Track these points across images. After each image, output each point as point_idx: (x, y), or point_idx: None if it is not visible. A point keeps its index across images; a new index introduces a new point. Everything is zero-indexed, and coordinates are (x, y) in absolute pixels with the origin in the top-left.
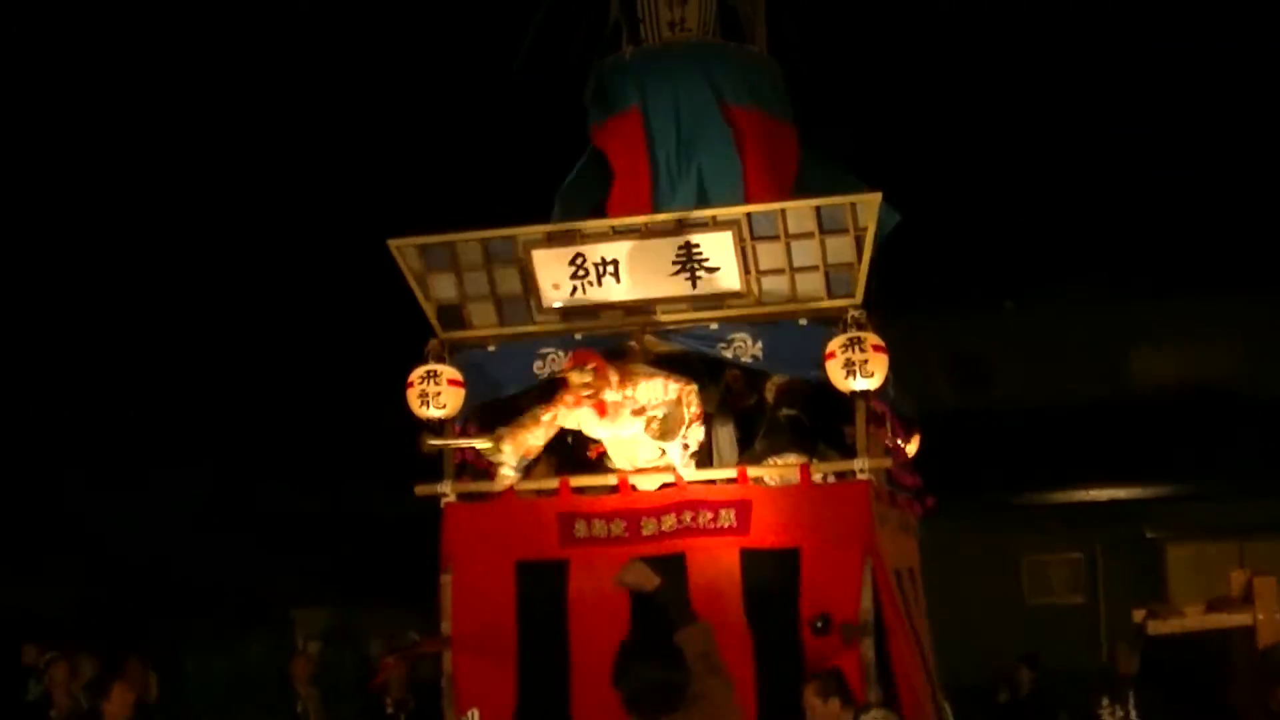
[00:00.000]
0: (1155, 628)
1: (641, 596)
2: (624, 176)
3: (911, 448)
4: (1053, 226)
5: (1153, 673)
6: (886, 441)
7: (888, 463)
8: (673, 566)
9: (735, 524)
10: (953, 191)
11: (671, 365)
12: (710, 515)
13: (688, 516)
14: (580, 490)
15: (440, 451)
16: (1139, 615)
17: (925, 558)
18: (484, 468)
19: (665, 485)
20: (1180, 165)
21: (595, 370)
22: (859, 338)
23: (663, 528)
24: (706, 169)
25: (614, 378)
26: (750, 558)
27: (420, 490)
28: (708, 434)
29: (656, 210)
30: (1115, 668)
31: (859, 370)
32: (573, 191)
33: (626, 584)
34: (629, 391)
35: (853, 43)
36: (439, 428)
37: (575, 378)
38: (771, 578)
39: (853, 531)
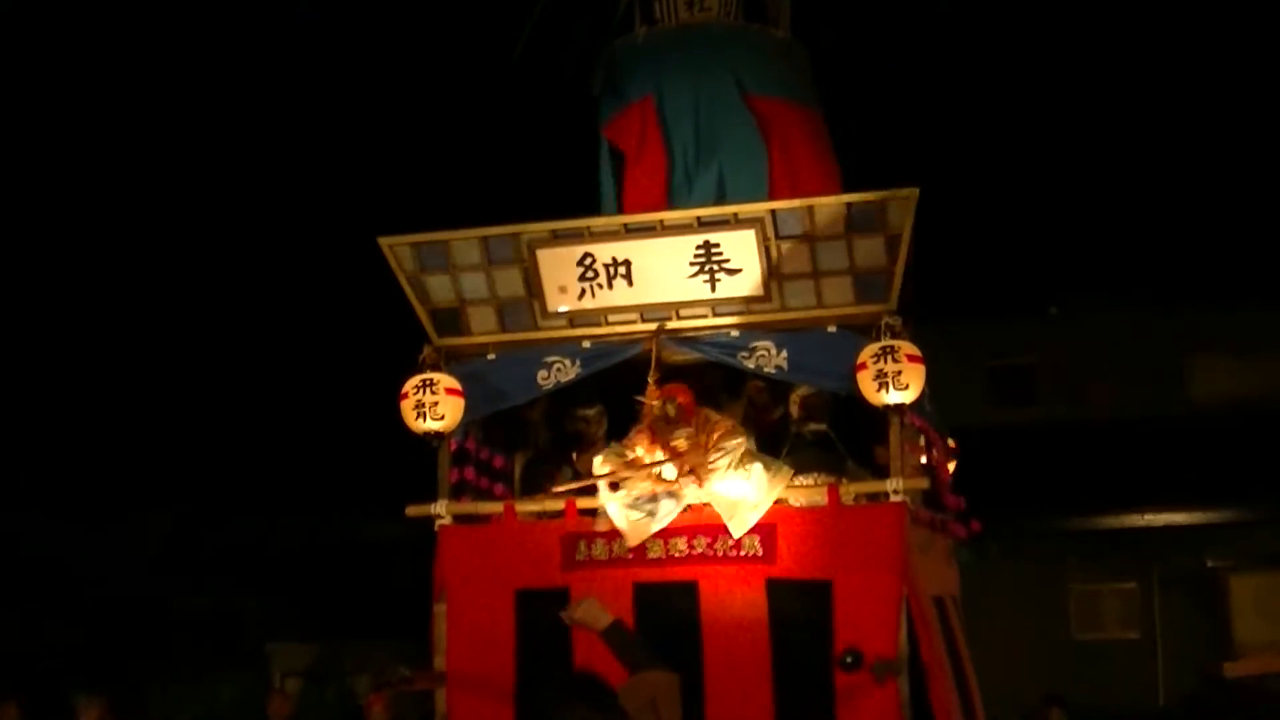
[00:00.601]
0: (1233, 670)
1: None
2: (637, 170)
3: (950, 466)
4: (1103, 225)
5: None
6: (922, 460)
7: (924, 483)
8: (681, 595)
9: (760, 551)
10: (994, 188)
11: (688, 375)
12: (731, 542)
13: (702, 542)
14: (590, 513)
15: (458, 470)
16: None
17: (965, 586)
18: (485, 487)
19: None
20: (1242, 162)
21: (681, 406)
22: (893, 347)
23: (671, 552)
24: (727, 162)
25: (711, 432)
26: (778, 590)
27: (412, 512)
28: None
29: (672, 207)
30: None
31: (892, 382)
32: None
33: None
34: (722, 445)
35: (886, 28)
36: (435, 441)
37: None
38: (801, 612)
39: (886, 558)
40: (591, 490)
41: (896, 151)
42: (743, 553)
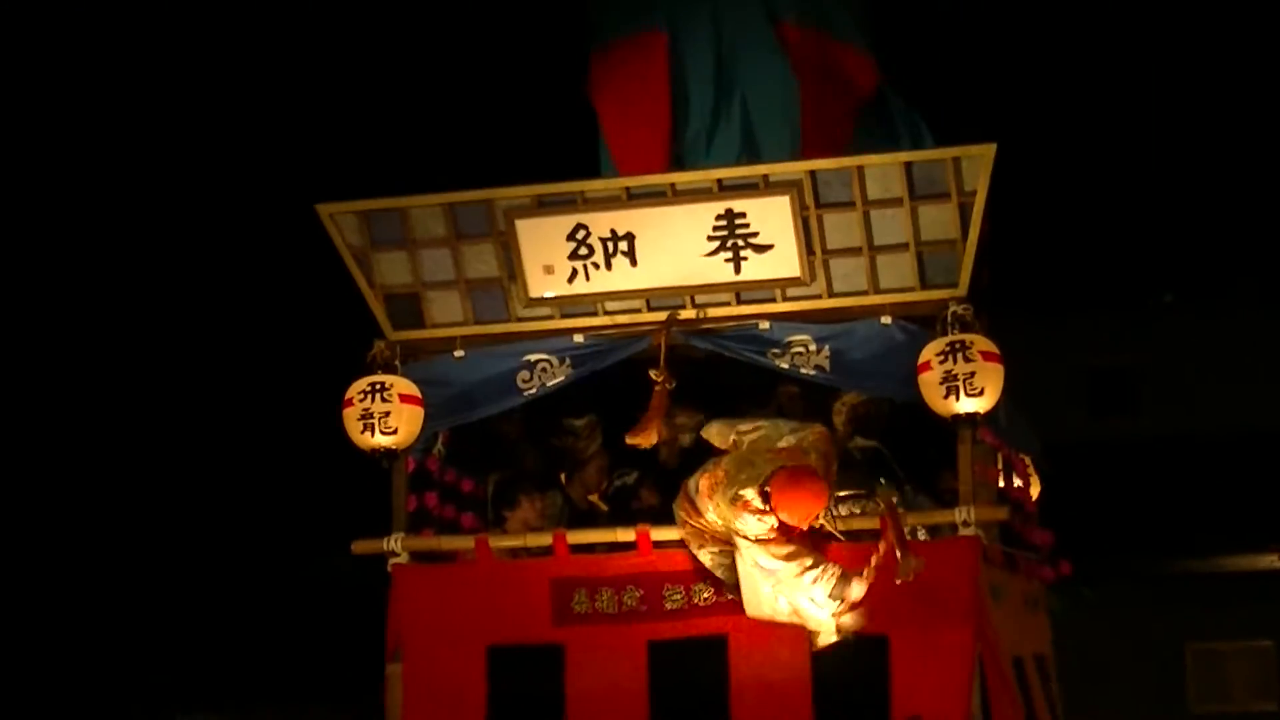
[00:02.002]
0: None
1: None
2: (640, 121)
3: (1034, 492)
4: (1222, 203)
5: None
6: (1000, 485)
7: (1002, 513)
8: (707, 655)
9: None
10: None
11: (705, 378)
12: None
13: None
14: (585, 550)
15: (417, 496)
16: None
17: (1056, 643)
18: (451, 517)
19: None
20: None
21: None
22: (963, 342)
23: (695, 600)
24: (755, 111)
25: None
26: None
27: (360, 548)
28: None
29: (686, 166)
30: None
31: (963, 386)
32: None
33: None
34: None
35: None
36: (387, 461)
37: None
38: (851, 675)
39: (955, 608)
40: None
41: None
42: None
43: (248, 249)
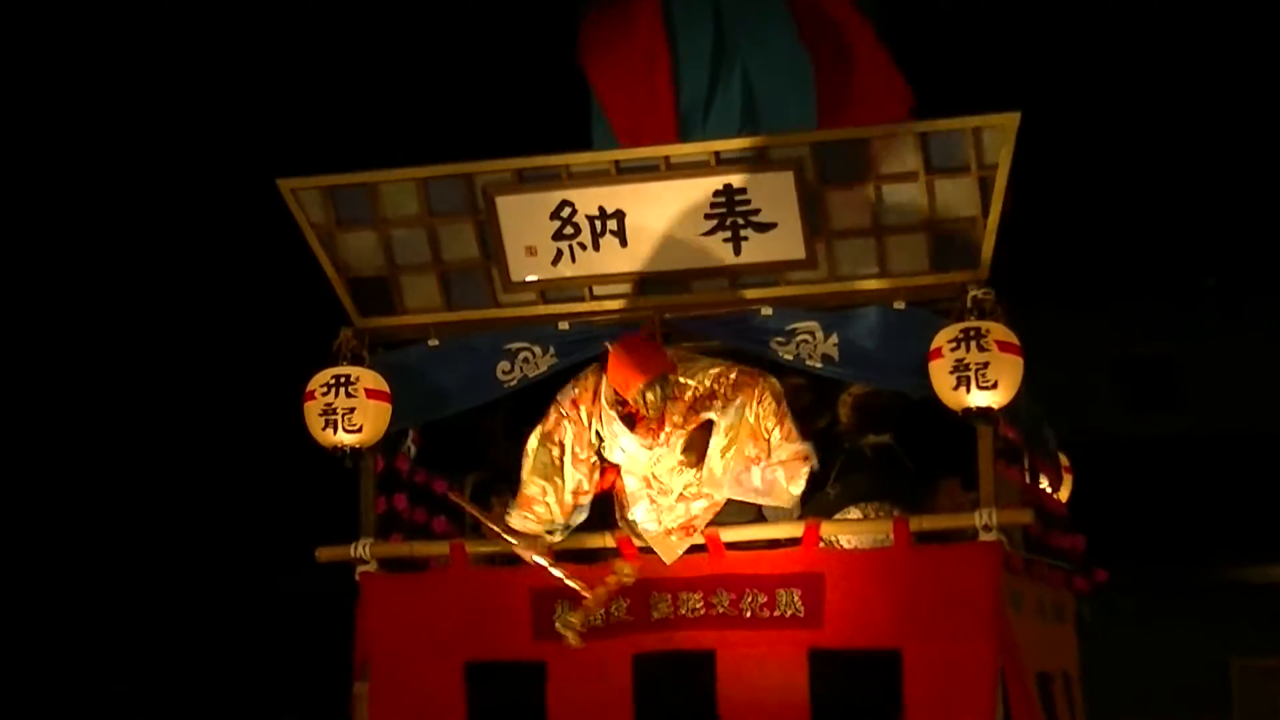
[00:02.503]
0: None
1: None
2: (632, 88)
3: (1063, 494)
4: (1271, 178)
5: None
6: (1024, 485)
7: (1027, 516)
8: (695, 671)
9: (801, 611)
10: (1127, 129)
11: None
12: (762, 598)
13: (724, 599)
14: (567, 557)
15: (386, 499)
16: None
17: (1087, 658)
18: (422, 522)
19: (696, 549)
20: None
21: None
22: (978, 330)
23: (682, 610)
24: (757, 77)
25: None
26: (826, 664)
27: (324, 555)
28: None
29: (680, 137)
30: None
31: (975, 378)
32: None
33: None
34: (685, 381)
35: None
36: (350, 461)
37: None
38: (858, 695)
39: (975, 620)
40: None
41: (992, 71)
42: (778, 612)
43: (201, 228)
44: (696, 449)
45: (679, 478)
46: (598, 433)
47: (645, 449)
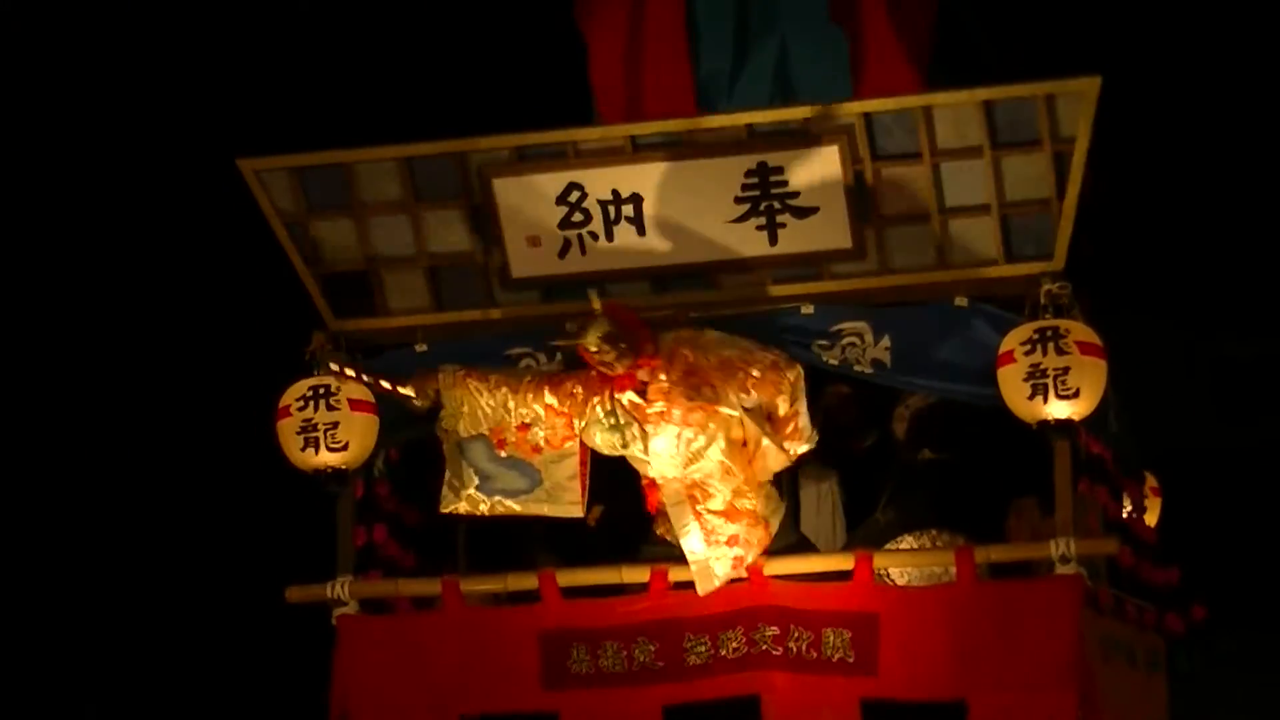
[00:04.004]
0: None
1: None
2: (647, 53)
3: (1151, 518)
4: None
5: None
6: (1109, 509)
7: (1112, 545)
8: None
9: (852, 654)
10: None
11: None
12: (808, 637)
13: (768, 634)
14: (580, 594)
15: (366, 529)
16: None
17: (1180, 711)
18: (398, 555)
19: (733, 581)
20: None
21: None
22: (1056, 329)
23: (722, 652)
24: (793, 38)
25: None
26: (882, 716)
27: (295, 596)
28: (793, 498)
29: (706, 109)
30: None
31: (1053, 386)
32: None
33: None
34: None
35: None
36: (335, 485)
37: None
38: None
39: (1052, 666)
40: (580, 547)
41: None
42: (825, 655)
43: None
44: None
45: (724, 483)
46: (615, 416)
47: (665, 437)
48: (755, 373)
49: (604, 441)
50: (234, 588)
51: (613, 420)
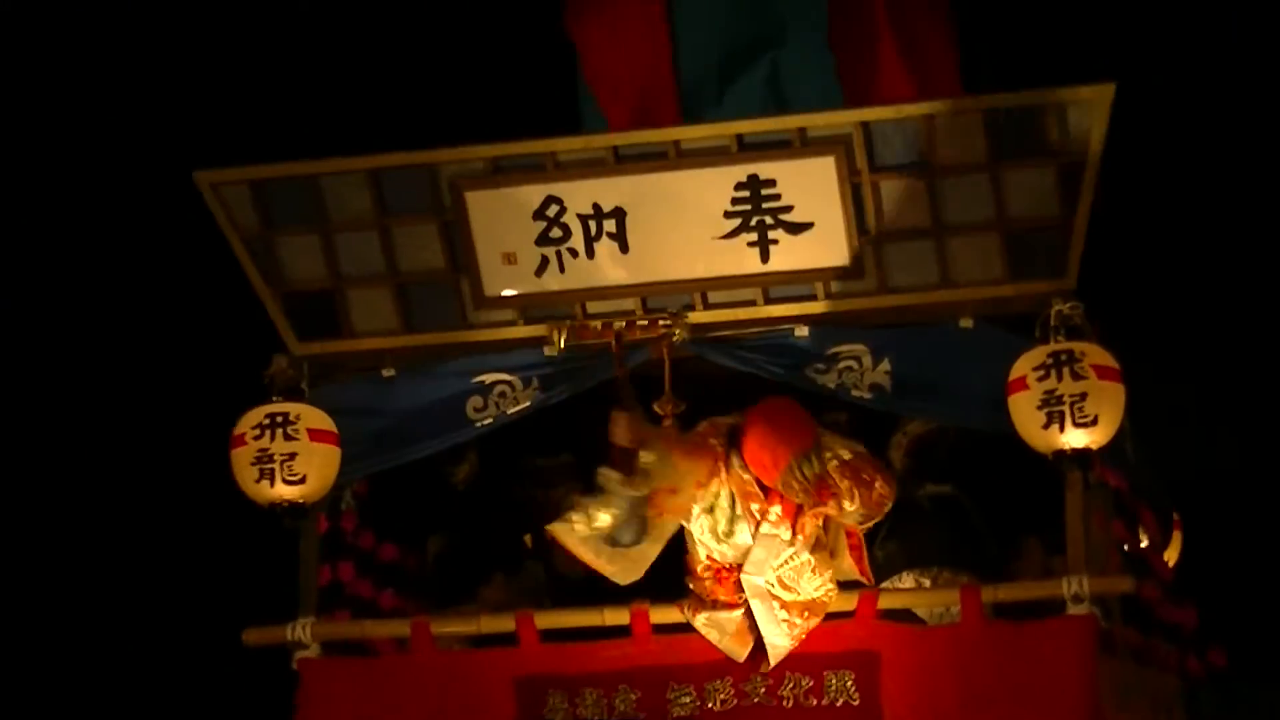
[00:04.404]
0: None
1: None
2: (629, 58)
3: (1171, 555)
4: None
5: None
6: (1126, 545)
7: (1126, 584)
8: None
9: (856, 699)
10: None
11: (724, 402)
12: (807, 683)
13: (760, 687)
14: (558, 637)
15: (330, 566)
16: None
17: None
18: (370, 597)
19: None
20: None
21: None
22: (1071, 353)
23: (710, 704)
24: (787, 43)
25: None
26: None
27: (254, 638)
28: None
29: (693, 118)
30: None
31: (1070, 413)
32: None
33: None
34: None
35: None
36: (293, 519)
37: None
38: None
39: (1066, 712)
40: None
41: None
42: (827, 700)
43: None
44: (823, 544)
45: (812, 580)
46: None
47: (773, 538)
48: (880, 489)
49: (701, 524)
50: (190, 629)
51: (725, 510)
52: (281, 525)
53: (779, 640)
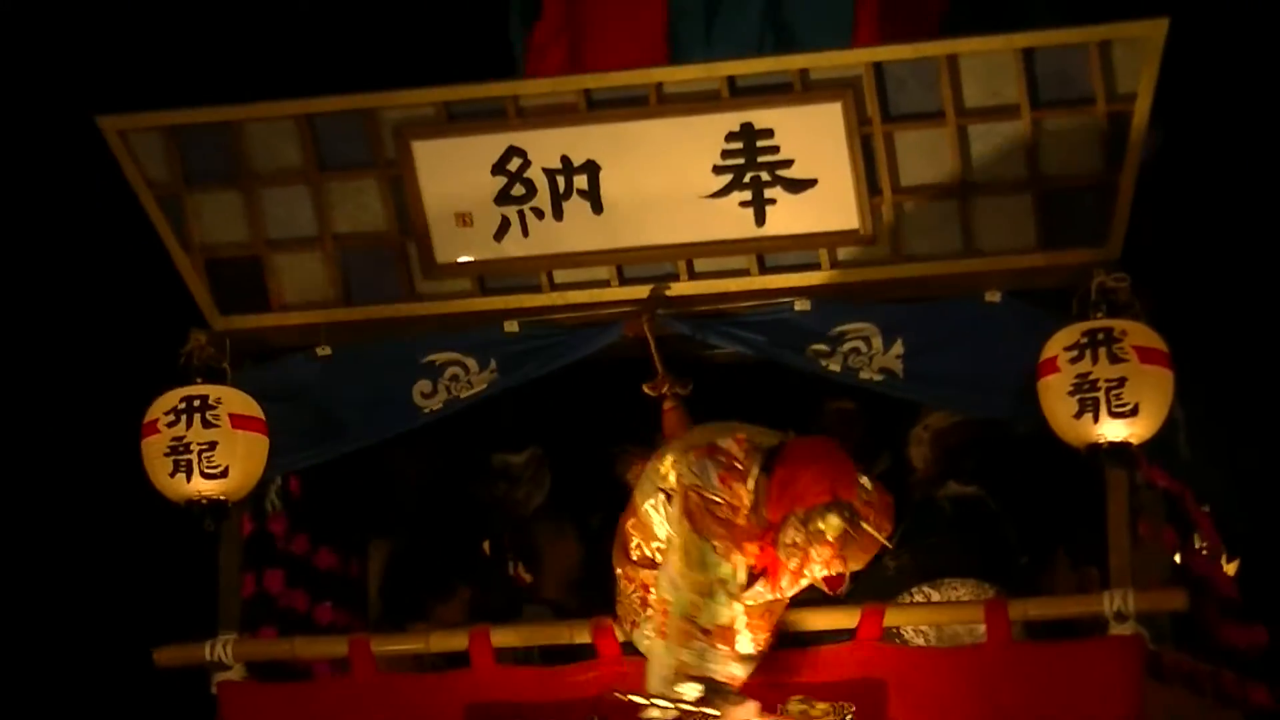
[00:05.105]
0: None
1: None
2: None
3: (1230, 568)
4: None
5: None
6: (1177, 555)
7: (1179, 599)
8: None
9: None
10: None
11: (711, 389)
12: (799, 710)
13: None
14: (515, 657)
15: (255, 575)
16: None
17: None
18: (305, 610)
19: None
20: None
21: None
22: (1110, 331)
23: None
24: None
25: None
26: None
27: (167, 657)
28: None
29: (679, 58)
30: None
31: (1106, 401)
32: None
33: None
34: None
35: None
36: (212, 520)
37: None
38: None
39: None
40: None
41: None
42: None
43: None
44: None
45: (765, 599)
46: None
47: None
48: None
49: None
50: (93, 647)
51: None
52: (199, 526)
53: (739, 671)
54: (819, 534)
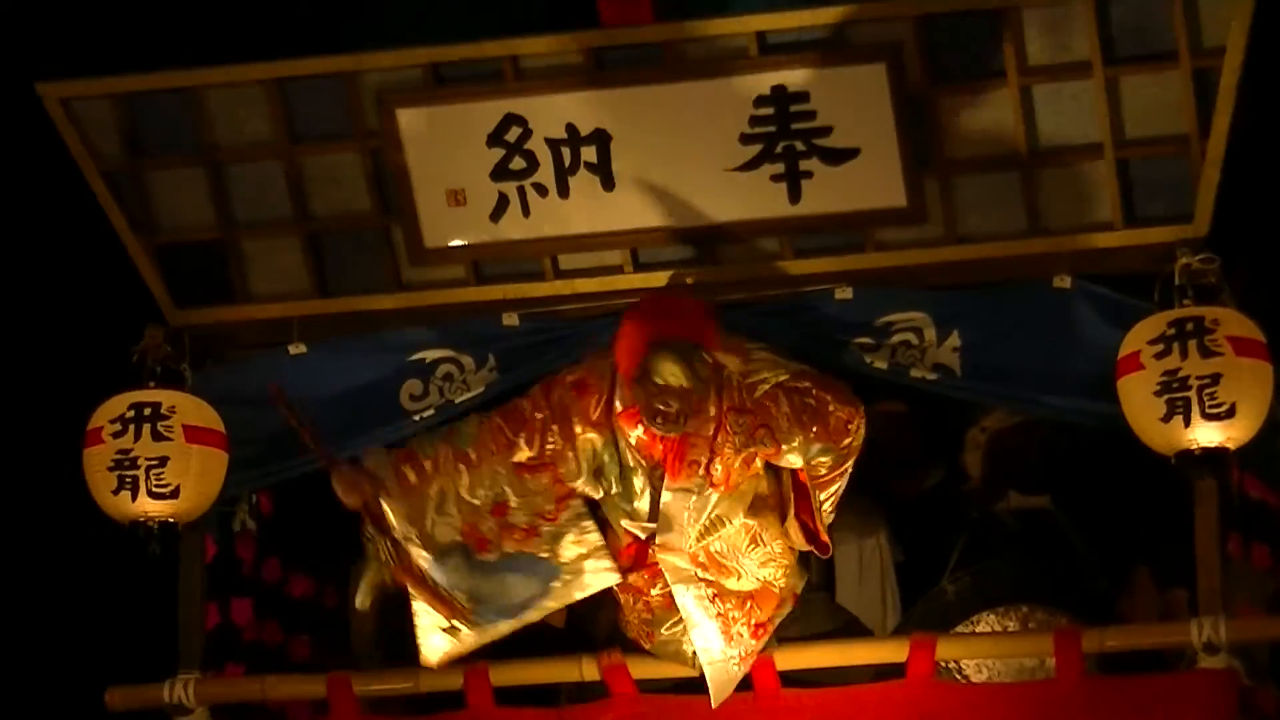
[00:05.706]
0: None
1: None
2: None
3: None
4: None
5: None
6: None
7: (1278, 629)
8: None
9: None
10: None
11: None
12: None
13: None
14: (518, 699)
15: (220, 605)
16: None
17: None
18: (278, 644)
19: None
20: None
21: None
22: (1200, 321)
23: None
24: None
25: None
26: None
27: (120, 700)
28: (826, 561)
29: (699, 11)
30: None
31: (1199, 401)
32: None
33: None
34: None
35: None
36: (157, 544)
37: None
38: None
39: None
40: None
41: None
42: None
43: None
44: (772, 504)
45: (751, 557)
46: (600, 460)
47: (687, 493)
48: (836, 412)
49: (590, 485)
50: (37, 686)
51: (613, 463)
52: (146, 551)
53: (716, 646)
54: (662, 389)
